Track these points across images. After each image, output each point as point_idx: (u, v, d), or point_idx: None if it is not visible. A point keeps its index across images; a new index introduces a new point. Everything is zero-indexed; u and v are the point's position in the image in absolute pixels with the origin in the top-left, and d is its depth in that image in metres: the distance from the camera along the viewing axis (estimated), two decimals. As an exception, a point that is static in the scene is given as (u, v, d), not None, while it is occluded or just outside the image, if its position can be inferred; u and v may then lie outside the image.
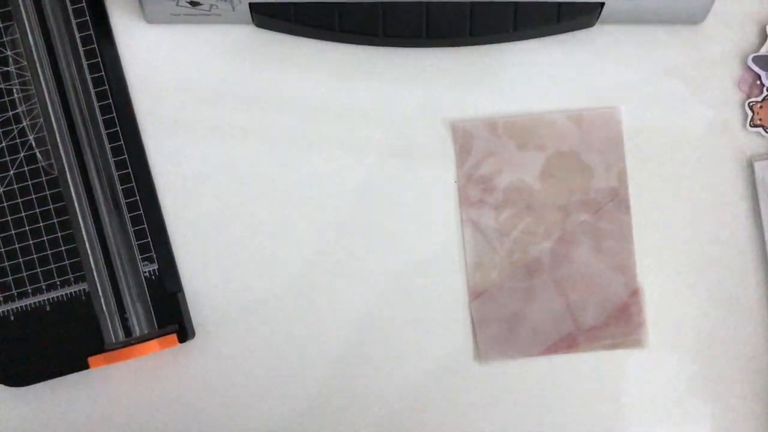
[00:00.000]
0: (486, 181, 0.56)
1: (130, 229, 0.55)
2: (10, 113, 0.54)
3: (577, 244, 0.56)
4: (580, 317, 0.56)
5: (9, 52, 0.55)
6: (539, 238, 0.56)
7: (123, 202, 0.55)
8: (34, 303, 0.54)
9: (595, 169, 0.56)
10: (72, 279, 0.54)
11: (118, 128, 0.55)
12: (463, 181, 0.56)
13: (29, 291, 0.54)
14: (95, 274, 0.54)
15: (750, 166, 0.57)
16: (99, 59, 0.55)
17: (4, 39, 0.54)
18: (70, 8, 0.55)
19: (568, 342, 0.56)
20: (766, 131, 0.56)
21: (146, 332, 0.54)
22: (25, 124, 0.54)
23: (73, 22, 0.55)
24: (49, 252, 0.54)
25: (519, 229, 0.56)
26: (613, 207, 0.56)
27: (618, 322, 0.56)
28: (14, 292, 0.54)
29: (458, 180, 0.56)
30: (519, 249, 0.56)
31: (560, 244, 0.56)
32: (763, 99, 0.56)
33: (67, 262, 0.54)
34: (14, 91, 0.55)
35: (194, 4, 0.54)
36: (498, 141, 0.56)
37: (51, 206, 0.54)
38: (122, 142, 0.55)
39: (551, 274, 0.56)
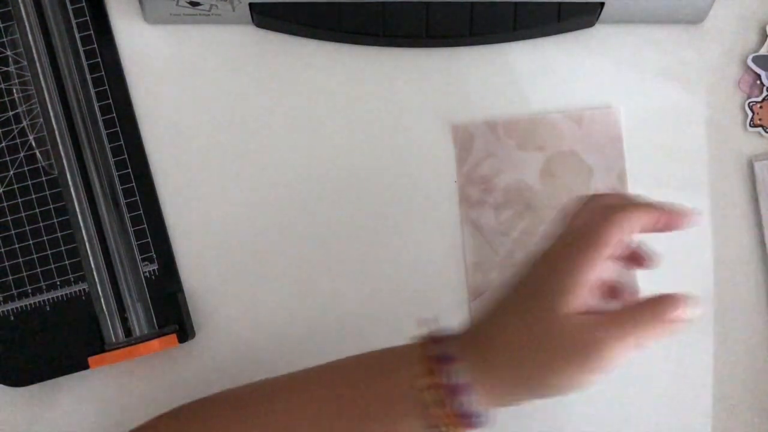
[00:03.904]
0: (486, 181, 0.56)
1: (130, 229, 0.55)
2: (10, 113, 0.54)
3: None
4: None
5: (9, 52, 0.55)
6: (539, 239, 0.56)
7: (123, 202, 0.55)
8: (34, 303, 0.54)
9: (595, 169, 0.56)
10: (72, 279, 0.54)
11: (118, 128, 0.55)
12: (463, 181, 0.56)
13: (29, 291, 0.54)
14: (95, 274, 0.54)
15: (750, 166, 0.57)
16: (99, 59, 0.55)
17: (4, 39, 0.54)
18: (70, 8, 0.55)
19: None
20: (766, 131, 0.56)
21: (146, 332, 0.54)
22: (25, 124, 0.54)
23: (73, 22, 0.55)
24: (49, 252, 0.54)
25: (519, 229, 0.56)
26: None
27: None
28: (14, 292, 0.54)
29: (458, 180, 0.56)
30: (519, 249, 0.56)
31: None
32: (763, 99, 0.56)
33: (67, 262, 0.54)
34: (14, 91, 0.54)
35: (194, 4, 0.54)
36: (498, 141, 0.56)
37: (51, 206, 0.54)
38: (122, 142, 0.55)
39: None
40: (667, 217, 0.42)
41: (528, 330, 0.39)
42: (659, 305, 0.39)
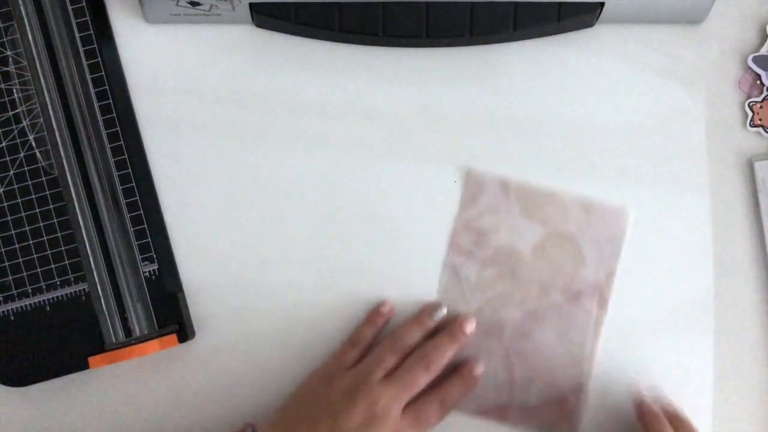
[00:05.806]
0: (481, 234, 0.56)
1: (130, 229, 0.55)
2: (10, 113, 0.54)
3: (544, 324, 0.55)
4: (518, 394, 0.55)
5: (9, 52, 0.55)
6: (511, 306, 0.55)
7: (123, 202, 0.55)
8: (34, 303, 0.54)
9: (587, 259, 0.55)
10: (72, 279, 0.54)
11: (118, 128, 0.55)
12: (461, 227, 0.56)
13: (29, 291, 0.54)
14: (95, 274, 0.54)
15: (750, 166, 0.57)
16: (99, 59, 0.55)
17: (4, 39, 0.54)
18: (70, 8, 0.55)
19: (499, 412, 0.55)
20: (766, 131, 0.56)
21: (146, 332, 0.55)
22: (25, 124, 0.55)
23: (73, 22, 0.55)
24: (49, 252, 0.54)
25: (496, 290, 0.55)
26: (592, 301, 0.55)
27: (553, 410, 0.55)
28: (14, 292, 0.54)
29: (457, 223, 0.56)
30: (489, 309, 0.55)
31: (528, 318, 0.55)
32: (763, 99, 0.56)
33: (67, 262, 0.54)
34: (14, 91, 0.55)
35: (194, 4, 0.54)
36: (506, 201, 0.55)
37: (51, 206, 0.54)
38: (122, 142, 0.55)
39: (508, 343, 0.55)
40: None
41: None
42: None
